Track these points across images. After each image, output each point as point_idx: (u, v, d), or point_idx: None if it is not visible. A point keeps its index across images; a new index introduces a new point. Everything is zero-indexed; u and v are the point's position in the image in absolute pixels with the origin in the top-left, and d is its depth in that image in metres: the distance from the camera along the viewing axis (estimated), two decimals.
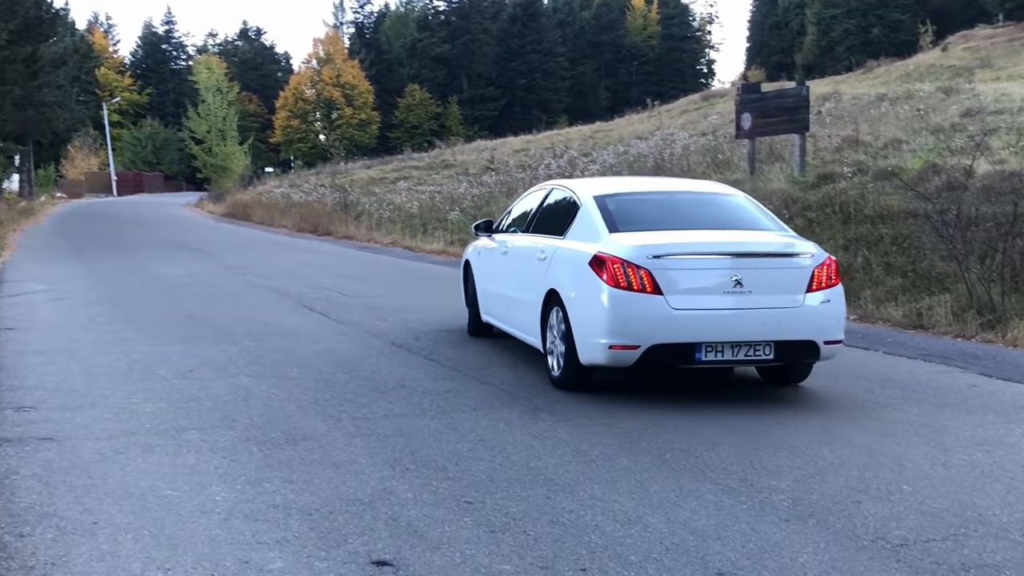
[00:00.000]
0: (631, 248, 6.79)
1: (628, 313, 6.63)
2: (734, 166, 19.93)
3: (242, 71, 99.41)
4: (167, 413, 6.13)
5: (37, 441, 5.41)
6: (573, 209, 7.80)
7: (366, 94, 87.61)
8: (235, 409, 6.25)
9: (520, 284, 8.23)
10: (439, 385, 7.09)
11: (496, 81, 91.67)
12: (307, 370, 7.59)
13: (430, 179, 36.62)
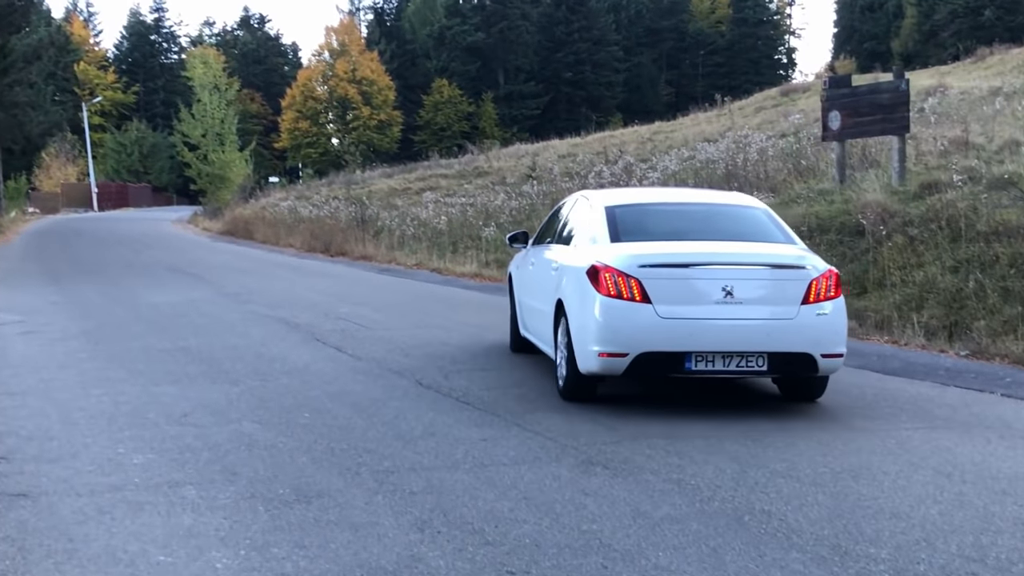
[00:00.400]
0: (623, 258, 8.04)
1: (617, 321, 7.87)
2: (820, 173, 19.86)
3: (243, 65, 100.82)
4: (159, 465, 6.19)
5: (9, 498, 5.49)
6: (585, 220, 9.21)
7: (386, 91, 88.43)
8: (237, 460, 6.31)
9: (541, 296, 9.53)
10: (474, 433, 7.11)
11: (538, 75, 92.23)
12: (320, 415, 7.64)
13: (461, 189, 36.84)
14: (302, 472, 6.08)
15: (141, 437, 6.90)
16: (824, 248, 14.70)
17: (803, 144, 23.72)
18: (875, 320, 12.73)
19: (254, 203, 46.10)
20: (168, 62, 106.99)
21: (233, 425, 7.28)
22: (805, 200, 17.10)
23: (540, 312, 9.55)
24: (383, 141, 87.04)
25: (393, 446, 6.71)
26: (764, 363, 7.88)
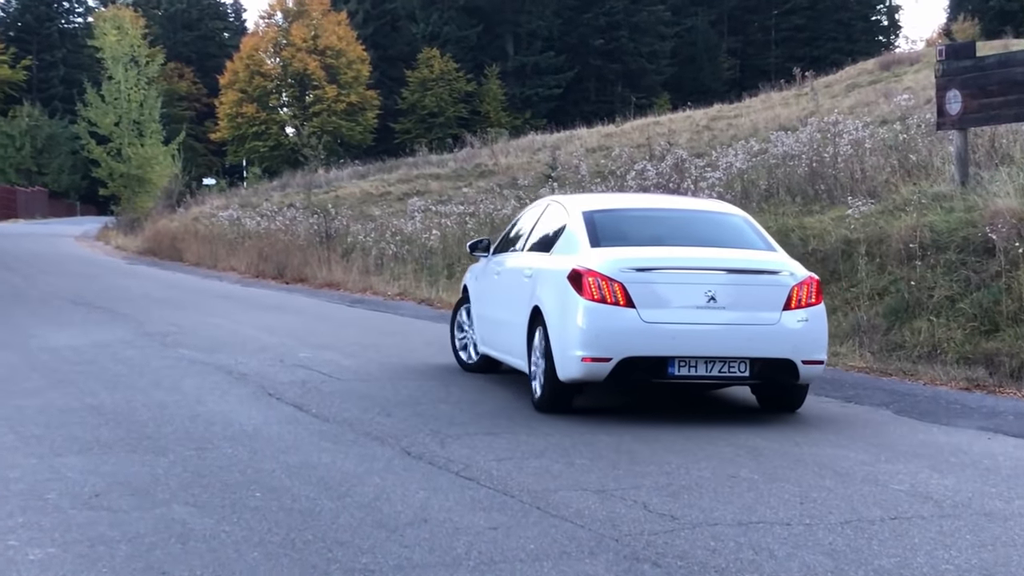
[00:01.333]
0: (606, 262, 10.30)
1: (601, 325, 10.08)
2: (934, 172, 19.85)
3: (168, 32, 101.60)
4: (62, 562, 6.20)
5: None
6: (562, 225, 11.39)
7: (358, 65, 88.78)
8: (166, 556, 6.31)
9: (511, 306, 11.75)
10: (480, 518, 7.11)
11: (558, 43, 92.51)
12: (275, 495, 7.64)
13: (458, 194, 36.99)
14: (253, 571, 6.08)
15: (39, 525, 6.91)
16: (941, 271, 14.71)
17: (911, 134, 23.75)
18: (1010, 367, 12.71)
19: (183, 213, 46.35)
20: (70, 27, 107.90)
21: (160, 509, 7.28)
22: (915, 207, 17.10)
23: (508, 324, 11.76)
24: (354, 131, 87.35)
25: (373, 536, 6.71)
26: (746, 369, 10.21)
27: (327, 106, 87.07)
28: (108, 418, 10.44)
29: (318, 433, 9.78)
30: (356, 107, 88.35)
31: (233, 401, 11.40)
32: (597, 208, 11.54)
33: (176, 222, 43.68)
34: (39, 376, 13.14)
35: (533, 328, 10.95)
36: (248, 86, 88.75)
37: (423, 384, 12.55)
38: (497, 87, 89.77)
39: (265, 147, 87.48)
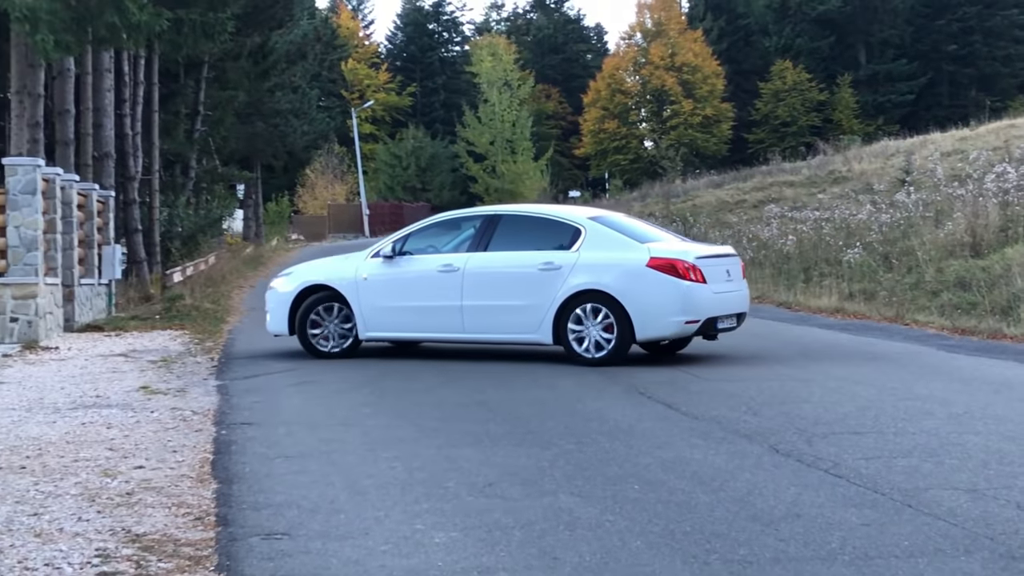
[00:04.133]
0: (685, 253, 14.10)
1: (697, 297, 13.82)
2: None
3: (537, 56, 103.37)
4: (464, 545, 6.40)
5: None
6: (563, 228, 14.64)
7: (713, 79, 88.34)
8: (556, 542, 6.43)
9: (511, 293, 14.31)
10: (851, 515, 6.96)
11: (910, 50, 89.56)
12: (652, 488, 7.69)
13: (812, 200, 36.39)
14: (637, 559, 6.12)
15: (441, 511, 7.16)
16: None
17: None
18: None
19: None
20: (449, 56, 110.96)
21: (548, 498, 7.43)
22: None
23: (508, 308, 14.28)
24: (709, 142, 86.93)
25: (748, 529, 6.66)
26: (735, 320, 14.67)
27: (684, 119, 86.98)
28: (496, 413, 10.74)
29: (688, 430, 9.78)
30: (711, 119, 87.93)
31: (607, 398, 11.53)
32: (593, 216, 15.26)
33: None
34: (432, 373, 13.69)
35: (568, 309, 13.92)
36: (610, 103, 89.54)
37: (785, 384, 12.39)
38: (849, 95, 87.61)
39: (626, 160, 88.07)
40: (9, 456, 9.02)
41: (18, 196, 17.97)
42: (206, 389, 12.93)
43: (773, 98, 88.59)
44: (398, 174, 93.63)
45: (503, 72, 76.30)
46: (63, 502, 7.48)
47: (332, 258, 16.53)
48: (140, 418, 10.90)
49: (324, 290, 15.23)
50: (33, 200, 18.04)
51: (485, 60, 79.80)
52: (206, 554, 6.33)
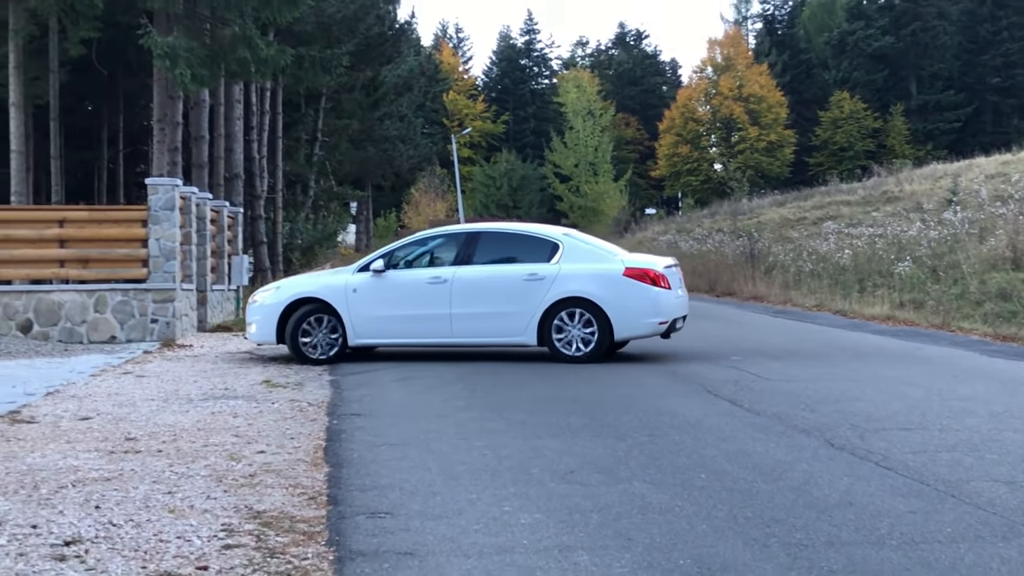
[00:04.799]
0: (654, 264, 14.96)
1: (665, 302, 14.54)
2: None
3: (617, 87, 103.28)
4: (547, 526, 6.39)
5: (396, 556, 5.84)
6: (541, 243, 15.05)
7: (777, 108, 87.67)
8: (630, 525, 6.41)
9: (498, 301, 14.59)
10: (899, 503, 6.85)
11: (957, 82, 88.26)
12: (718, 477, 7.63)
13: (867, 218, 35.96)
14: (703, 541, 6.08)
15: (526, 495, 7.16)
16: None
17: None
18: None
19: (630, 237, 47.16)
20: (539, 88, 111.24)
21: (623, 485, 7.40)
22: None
23: (496, 314, 14.55)
24: (773, 165, 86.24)
25: (804, 515, 6.59)
26: (683, 322, 15.30)
27: (750, 144, 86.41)
28: (575, 408, 10.71)
29: (751, 425, 9.70)
30: (775, 144, 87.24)
31: (677, 396, 11.47)
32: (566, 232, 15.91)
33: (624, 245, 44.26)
34: (519, 372, 13.68)
35: (552, 315, 14.43)
36: (683, 130, 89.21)
37: (839, 384, 12.25)
38: (901, 123, 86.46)
39: (697, 181, 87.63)
40: (148, 441, 9.16)
41: (159, 212, 18.27)
42: (320, 383, 13.06)
43: (832, 125, 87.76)
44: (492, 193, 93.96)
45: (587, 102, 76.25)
46: (194, 482, 7.58)
47: (318, 272, 16.61)
48: (262, 408, 11.02)
49: (313, 302, 15.02)
50: (172, 215, 18.33)
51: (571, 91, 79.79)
52: (318, 530, 6.38)
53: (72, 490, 7.29)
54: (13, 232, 18.18)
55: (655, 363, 14.28)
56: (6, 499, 7.03)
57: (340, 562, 5.75)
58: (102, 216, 19.08)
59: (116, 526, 6.38)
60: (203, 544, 6.06)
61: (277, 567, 5.65)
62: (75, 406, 11.14)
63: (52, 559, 5.73)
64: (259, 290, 16.10)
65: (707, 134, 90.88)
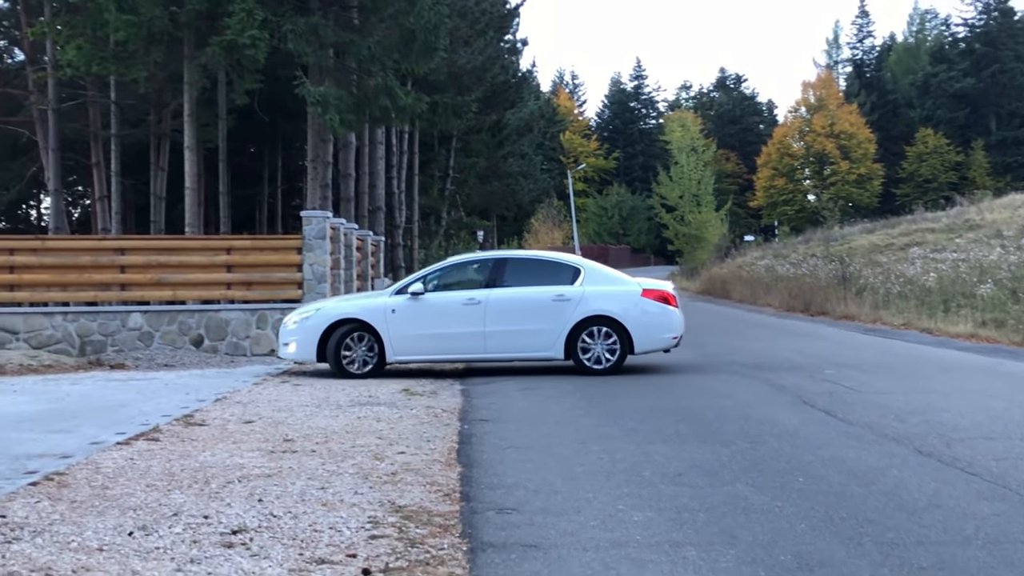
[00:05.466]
0: (665, 286, 15.18)
1: (677, 319, 14.88)
2: None
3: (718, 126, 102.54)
4: (658, 523, 6.35)
5: (522, 548, 5.85)
6: (564, 268, 15.07)
7: (866, 144, 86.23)
8: (734, 523, 6.32)
9: (530, 319, 14.60)
10: (984, 507, 6.66)
11: None
12: (814, 480, 7.50)
13: (950, 244, 35.02)
14: (801, 539, 5.97)
15: (638, 495, 7.11)
16: None
17: None
18: None
19: (730, 262, 46.52)
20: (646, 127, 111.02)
21: (727, 487, 7.31)
22: None
23: (527, 332, 14.58)
24: (863, 195, 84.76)
25: (895, 517, 6.44)
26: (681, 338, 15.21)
27: (841, 177, 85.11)
28: (683, 417, 10.62)
29: (844, 433, 9.51)
30: (864, 177, 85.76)
31: (776, 407, 11.30)
32: (583, 260, 15.69)
33: (725, 269, 43.93)
34: (629, 384, 13.59)
35: (578, 331, 14.50)
36: (779, 164, 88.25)
37: (926, 396, 11.92)
38: (982, 157, 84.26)
39: (792, 210, 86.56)
40: (303, 442, 9.32)
41: (312, 240, 18.59)
42: (452, 392, 13.14)
43: (917, 159, 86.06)
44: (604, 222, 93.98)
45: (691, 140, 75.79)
46: (343, 479, 7.68)
47: (349, 296, 16.32)
48: (402, 414, 11.13)
49: (352, 323, 14.75)
50: (323, 244, 18.64)
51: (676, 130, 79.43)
52: (452, 523, 6.42)
53: (238, 485, 7.45)
54: (188, 258, 18.67)
55: (753, 376, 14.07)
56: (181, 492, 7.21)
57: (473, 552, 5.78)
58: (263, 244, 19.48)
59: (276, 517, 6.50)
60: (352, 534, 6.14)
61: (417, 556, 5.70)
62: (240, 411, 11.38)
63: (221, 546, 5.86)
64: (291, 314, 15.61)
65: (801, 168, 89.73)
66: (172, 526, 6.27)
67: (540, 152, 73.77)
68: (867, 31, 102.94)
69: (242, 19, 21.73)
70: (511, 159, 58.19)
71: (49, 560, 5.55)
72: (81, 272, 18.35)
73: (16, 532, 6.11)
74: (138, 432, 9.82)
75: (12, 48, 36.34)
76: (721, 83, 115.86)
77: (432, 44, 24.10)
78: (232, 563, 5.53)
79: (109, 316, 18.10)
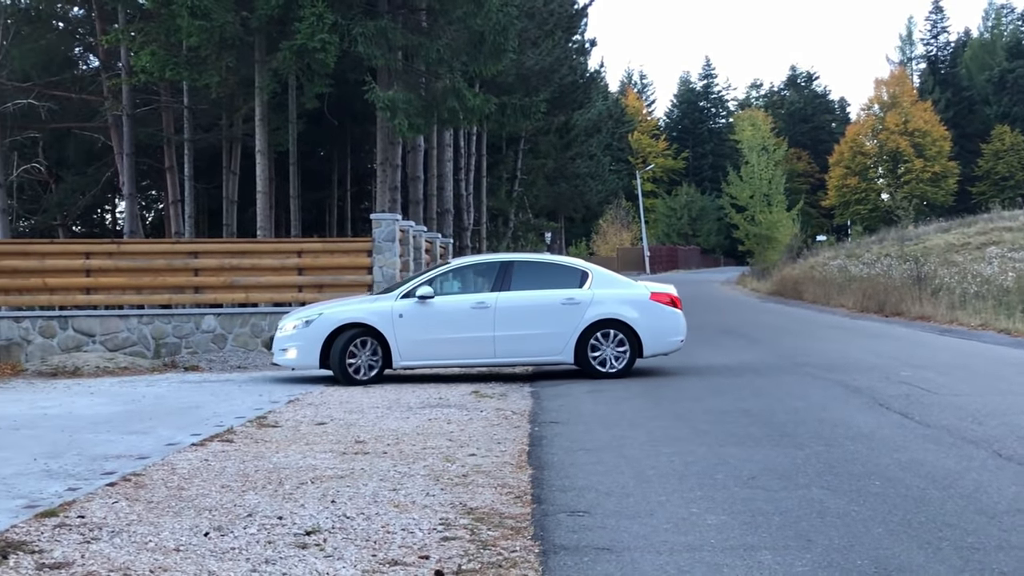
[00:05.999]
0: (669, 288, 15.16)
1: (681, 321, 14.81)
2: None
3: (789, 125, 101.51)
4: (731, 527, 6.29)
5: (595, 551, 5.83)
6: (571, 271, 14.95)
7: (940, 142, 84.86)
8: (810, 527, 6.25)
9: (540, 323, 14.42)
10: None
11: None
12: (891, 484, 7.38)
13: None
14: (879, 543, 5.89)
15: (712, 498, 7.06)
16: None
17: None
18: None
19: (802, 262, 46.01)
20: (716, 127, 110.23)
21: (802, 491, 7.23)
22: None
23: (539, 336, 14.39)
24: (938, 194, 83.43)
25: (975, 521, 6.32)
26: None
27: (915, 175, 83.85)
28: (755, 419, 10.53)
29: (922, 436, 9.35)
30: (939, 175, 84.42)
31: (851, 408, 11.14)
32: (589, 264, 15.58)
33: (796, 270, 43.43)
34: (701, 386, 13.50)
35: (588, 335, 14.35)
36: (851, 163, 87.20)
37: (1005, 399, 11.67)
38: None
39: (865, 210, 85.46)
40: (375, 444, 9.39)
41: (382, 243, 18.72)
42: (522, 394, 13.14)
43: (993, 157, 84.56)
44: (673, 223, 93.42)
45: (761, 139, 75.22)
46: (415, 481, 7.72)
47: (353, 299, 15.50)
48: (472, 416, 11.17)
49: (356, 327, 14.33)
50: (392, 246, 18.76)
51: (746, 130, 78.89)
52: (524, 525, 6.43)
53: (311, 486, 7.52)
54: (260, 261, 18.89)
55: (826, 378, 13.88)
56: (255, 493, 7.30)
57: (545, 555, 5.77)
58: (333, 247, 19.66)
59: (349, 518, 6.56)
60: (424, 536, 6.17)
61: (489, 558, 5.71)
62: (312, 413, 11.50)
63: (296, 547, 5.92)
64: (287, 319, 15.11)
65: (874, 166, 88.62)
66: (247, 527, 6.35)
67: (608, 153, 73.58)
68: (941, 27, 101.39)
69: (312, 23, 21.97)
70: (579, 160, 58.09)
71: (127, 560, 5.65)
72: (156, 275, 18.64)
73: (95, 532, 6.23)
74: (213, 433, 9.97)
75: (87, 55, 37.05)
76: (792, 81, 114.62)
77: (501, 46, 24.16)
78: (306, 564, 5.58)
79: (183, 319, 18.39)
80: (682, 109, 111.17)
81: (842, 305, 31.39)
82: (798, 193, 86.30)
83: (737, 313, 29.93)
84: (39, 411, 11.92)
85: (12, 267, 18.42)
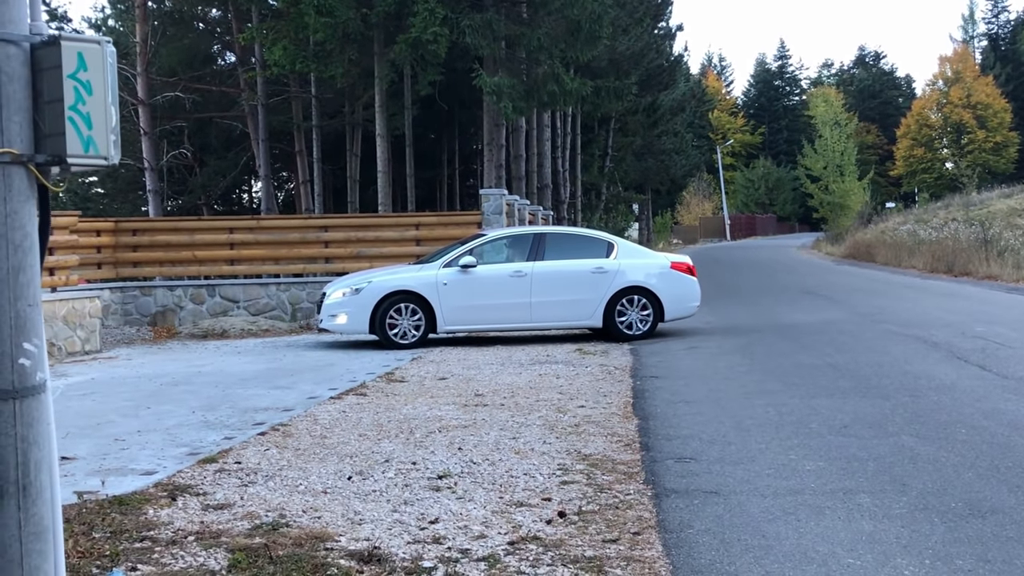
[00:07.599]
0: (686, 258, 15.06)
1: (698, 288, 14.59)
2: None
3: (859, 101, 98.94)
4: (829, 472, 6.12)
5: (703, 495, 5.71)
6: (598, 243, 14.69)
7: (1002, 113, 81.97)
8: (903, 472, 6.05)
9: (572, 290, 14.20)
10: None
11: None
12: (976, 432, 7.12)
13: None
14: (970, 487, 5.67)
15: (807, 445, 6.88)
16: None
17: None
18: None
19: (873, 228, 44.86)
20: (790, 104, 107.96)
21: (892, 438, 7.01)
22: None
23: (570, 302, 14.15)
24: (999, 162, 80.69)
25: None
26: None
27: (978, 146, 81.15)
28: (842, 372, 10.27)
29: (1001, 387, 9.02)
30: (1000, 145, 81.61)
31: (931, 362, 10.80)
32: (614, 236, 15.47)
33: (868, 234, 42.31)
34: (788, 341, 13.22)
35: (616, 301, 14.13)
36: (917, 135, 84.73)
37: None
38: None
39: (931, 178, 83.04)
40: (493, 396, 9.36)
41: (490, 216, 18.66)
42: (622, 351, 13.00)
43: None
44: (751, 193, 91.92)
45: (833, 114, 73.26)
46: (531, 430, 7.67)
47: (396, 268, 14.99)
48: (578, 371, 11.08)
49: (402, 294, 13.99)
50: (499, 218, 18.69)
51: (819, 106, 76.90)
52: (636, 471, 6.33)
53: (439, 435, 7.52)
54: (382, 234, 18.98)
55: (904, 334, 13.47)
56: (390, 441, 7.32)
57: (658, 497, 5.68)
58: (447, 220, 19.68)
59: (475, 464, 6.53)
60: (545, 480, 6.11)
61: (606, 500, 5.63)
62: (434, 369, 11.53)
63: (430, 489, 5.91)
64: (333, 287, 14.62)
65: (939, 138, 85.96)
66: (385, 471, 6.37)
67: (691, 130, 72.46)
68: (1002, 6, 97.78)
69: (425, 18, 21.94)
70: (664, 137, 57.34)
71: (281, 501, 5.70)
72: (291, 247, 18.85)
73: (251, 476, 6.30)
74: (347, 388, 10.04)
75: (225, 52, 37.61)
76: (861, 60, 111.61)
77: (595, 33, 23.84)
78: (441, 505, 5.57)
79: (316, 286, 18.56)
80: (758, 88, 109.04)
81: (913, 266, 30.55)
82: (868, 164, 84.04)
83: (815, 275, 29.30)
84: (194, 369, 12.15)
85: (165, 242, 18.78)
